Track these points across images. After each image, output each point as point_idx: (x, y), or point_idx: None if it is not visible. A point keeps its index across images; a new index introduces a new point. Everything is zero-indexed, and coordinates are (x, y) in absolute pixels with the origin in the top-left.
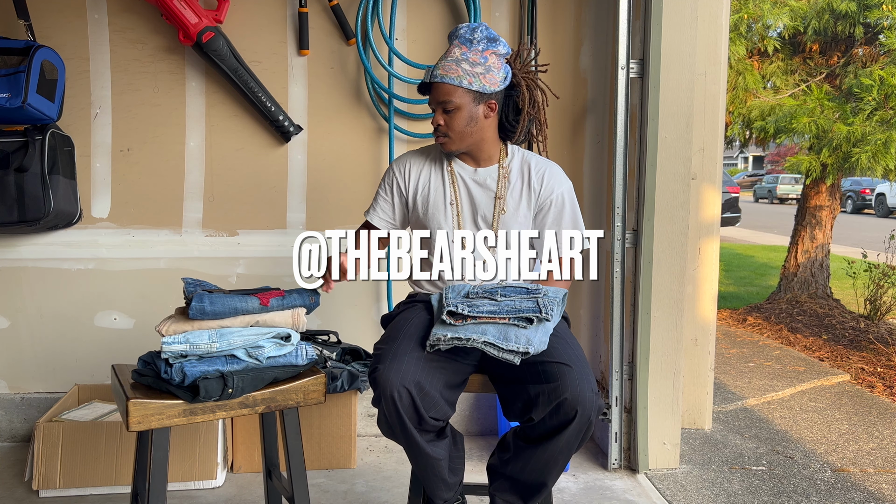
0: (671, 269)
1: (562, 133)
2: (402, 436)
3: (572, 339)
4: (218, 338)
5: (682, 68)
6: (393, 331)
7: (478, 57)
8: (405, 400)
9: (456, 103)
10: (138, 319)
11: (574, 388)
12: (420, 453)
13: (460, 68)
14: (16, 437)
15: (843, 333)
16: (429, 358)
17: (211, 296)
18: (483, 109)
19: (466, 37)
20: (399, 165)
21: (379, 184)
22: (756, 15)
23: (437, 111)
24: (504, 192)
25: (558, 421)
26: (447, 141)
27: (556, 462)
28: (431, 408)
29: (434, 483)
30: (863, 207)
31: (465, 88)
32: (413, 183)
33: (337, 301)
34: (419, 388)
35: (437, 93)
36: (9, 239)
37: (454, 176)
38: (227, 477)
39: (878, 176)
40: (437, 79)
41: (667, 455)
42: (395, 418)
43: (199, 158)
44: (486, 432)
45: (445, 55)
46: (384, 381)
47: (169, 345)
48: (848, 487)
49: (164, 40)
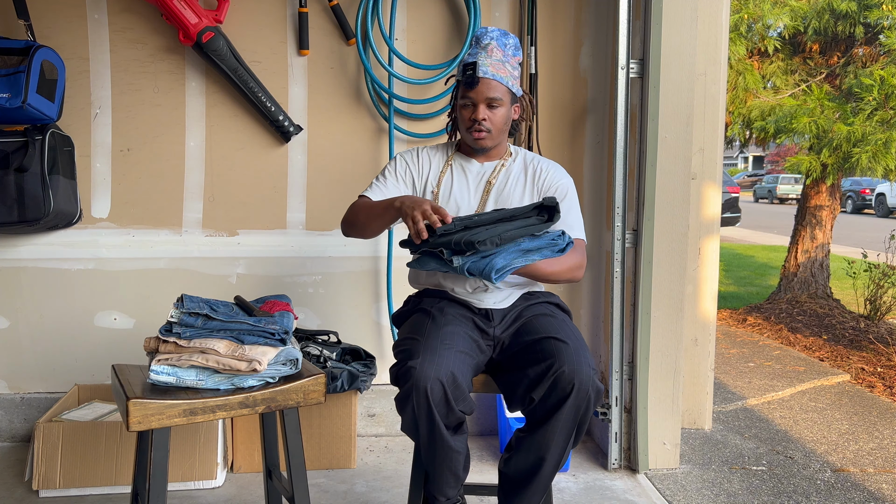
0: (671, 269)
1: (562, 133)
2: (427, 429)
3: (571, 324)
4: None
5: (682, 68)
6: (417, 326)
7: (514, 61)
8: (437, 393)
9: (501, 101)
10: (138, 319)
11: (570, 361)
12: (443, 447)
13: (505, 69)
14: (16, 437)
15: (843, 333)
16: (460, 349)
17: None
18: (514, 110)
19: (502, 40)
20: (410, 154)
21: (382, 170)
22: (756, 15)
23: (481, 106)
24: (497, 179)
25: (557, 397)
26: (487, 136)
27: (555, 441)
28: (461, 401)
29: (445, 478)
30: (863, 207)
31: (508, 88)
32: (424, 174)
33: (337, 301)
34: (453, 379)
35: (485, 88)
36: (9, 239)
37: (450, 167)
38: (227, 477)
39: (878, 176)
40: (487, 75)
41: (667, 455)
42: (425, 412)
43: (199, 158)
44: (486, 432)
45: (487, 53)
46: (419, 374)
47: (157, 374)
48: (848, 487)
49: (164, 40)
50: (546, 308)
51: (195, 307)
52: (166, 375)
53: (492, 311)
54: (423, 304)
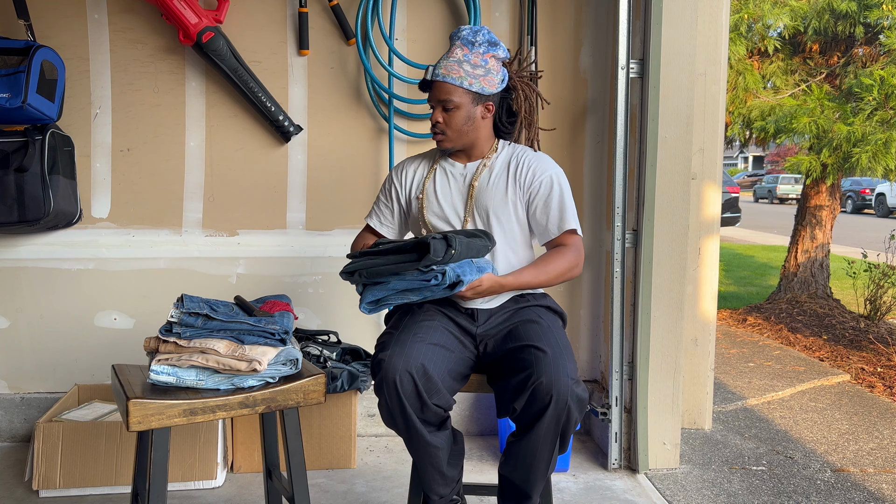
0: (671, 269)
1: (562, 133)
2: (403, 422)
3: (557, 329)
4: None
5: (682, 68)
6: (395, 321)
7: (479, 59)
8: (407, 385)
9: (456, 102)
10: (138, 319)
11: (548, 372)
12: (420, 441)
13: (462, 69)
14: (16, 437)
15: (843, 333)
16: (433, 342)
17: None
18: (481, 110)
19: (469, 38)
20: (397, 171)
21: (380, 188)
22: (756, 15)
23: (437, 109)
24: (479, 180)
25: (535, 408)
26: (444, 139)
27: (540, 450)
28: (434, 394)
29: (431, 475)
30: (863, 207)
31: (466, 89)
32: (408, 186)
33: (337, 301)
34: (423, 372)
35: (437, 91)
36: (9, 239)
37: (434, 172)
38: (227, 477)
39: (878, 176)
40: (438, 77)
41: (667, 455)
42: (397, 404)
43: (199, 158)
44: (486, 432)
45: (448, 55)
46: (388, 366)
47: (157, 374)
48: (848, 487)
49: (164, 40)
50: (534, 313)
51: (195, 307)
52: (166, 375)
53: (477, 310)
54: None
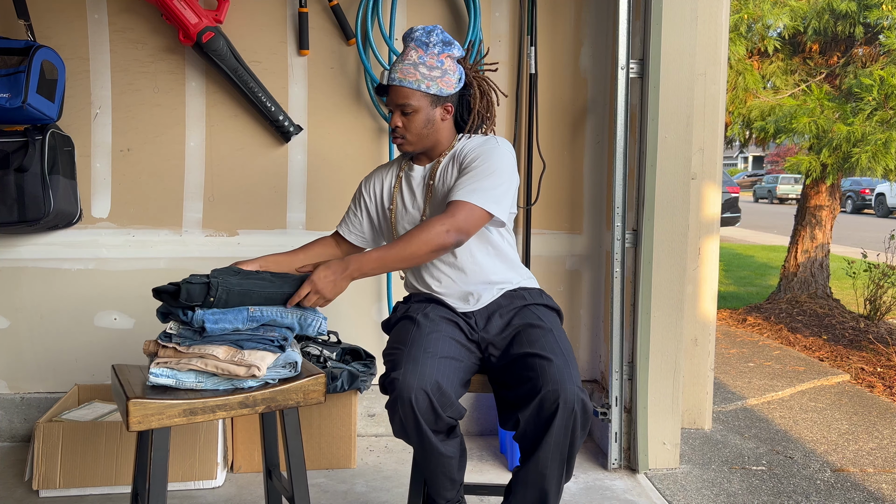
0: (671, 269)
1: (562, 133)
2: (417, 438)
3: (558, 332)
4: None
5: (682, 68)
6: (402, 334)
7: (434, 60)
8: (422, 403)
9: (414, 106)
10: (138, 319)
11: (554, 380)
12: (433, 453)
13: (418, 72)
14: (16, 437)
15: (842, 333)
16: (444, 355)
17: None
18: (440, 112)
19: (422, 39)
20: (366, 182)
21: (352, 199)
22: (756, 15)
23: (396, 113)
24: (434, 178)
25: (542, 418)
26: (404, 143)
27: (550, 467)
28: (448, 407)
29: (441, 482)
30: (863, 207)
31: (423, 92)
32: (377, 198)
33: (337, 301)
34: (438, 388)
35: (395, 95)
36: (9, 239)
37: (400, 181)
38: (227, 477)
39: (878, 176)
40: (394, 82)
41: (667, 455)
42: (412, 422)
43: (199, 158)
44: (486, 432)
45: (402, 58)
46: (402, 385)
47: (156, 377)
48: (848, 487)
49: (164, 40)
50: (535, 314)
51: None
52: (165, 378)
53: (474, 313)
54: (409, 310)
